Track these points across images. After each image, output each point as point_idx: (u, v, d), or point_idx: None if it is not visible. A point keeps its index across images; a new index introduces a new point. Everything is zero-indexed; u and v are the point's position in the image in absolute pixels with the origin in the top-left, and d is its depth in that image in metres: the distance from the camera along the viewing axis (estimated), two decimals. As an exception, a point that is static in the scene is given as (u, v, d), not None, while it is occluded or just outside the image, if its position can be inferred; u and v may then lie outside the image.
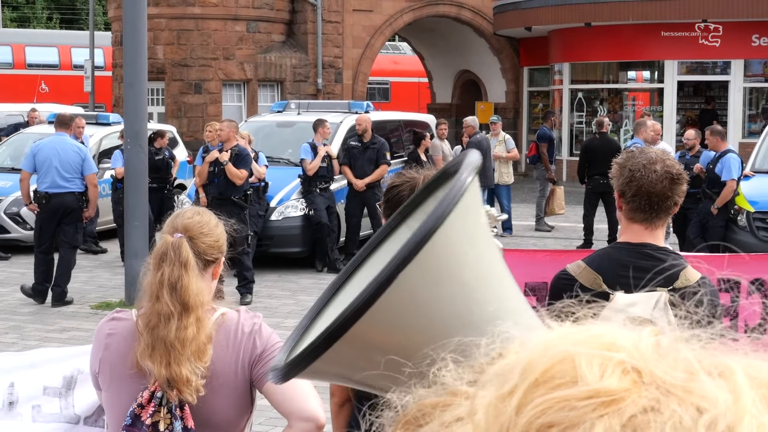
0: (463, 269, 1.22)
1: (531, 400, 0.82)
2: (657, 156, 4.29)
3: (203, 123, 23.53)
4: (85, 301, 14.50)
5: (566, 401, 0.80)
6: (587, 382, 0.81)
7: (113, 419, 3.95)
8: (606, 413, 0.79)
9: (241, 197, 15.25)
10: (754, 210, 15.62)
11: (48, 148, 14.27)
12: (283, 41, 33.48)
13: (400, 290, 1.16)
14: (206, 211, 4.05)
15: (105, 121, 21.52)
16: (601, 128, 20.04)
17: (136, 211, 14.12)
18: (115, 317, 4.02)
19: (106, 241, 19.35)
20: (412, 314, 1.16)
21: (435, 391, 0.94)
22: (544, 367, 0.83)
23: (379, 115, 21.38)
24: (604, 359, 0.83)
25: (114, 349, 3.93)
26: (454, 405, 0.91)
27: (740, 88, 31.71)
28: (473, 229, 1.27)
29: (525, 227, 21.99)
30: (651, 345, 0.86)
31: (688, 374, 0.83)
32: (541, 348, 0.86)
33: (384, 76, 45.53)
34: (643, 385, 0.81)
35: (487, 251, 1.29)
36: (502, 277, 1.30)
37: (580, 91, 34.33)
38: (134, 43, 14.16)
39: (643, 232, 4.30)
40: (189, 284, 3.79)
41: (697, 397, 0.81)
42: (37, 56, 43.98)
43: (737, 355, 0.87)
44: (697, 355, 0.85)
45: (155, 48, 31.13)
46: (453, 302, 1.17)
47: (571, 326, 0.90)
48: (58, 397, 4.86)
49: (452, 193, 1.21)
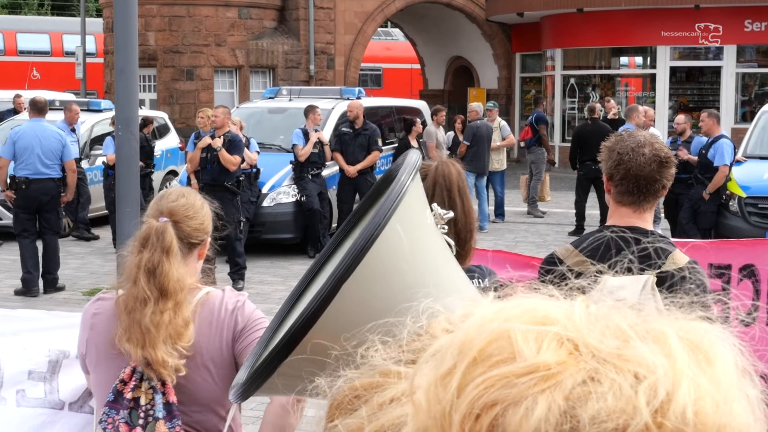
0: (405, 271, 1.23)
1: (471, 380, 0.81)
2: (646, 139, 4.30)
3: (195, 109, 23.48)
4: (77, 287, 14.49)
5: (506, 378, 0.80)
6: (525, 357, 0.81)
7: (100, 398, 3.94)
8: (547, 387, 0.79)
9: (233, 183, 15.25)
10: (745, 195, 15.63)
11: (29, 134, 14.17)
12: (275, 27, 33.42)
13: (343, 302, 1.18)
14: (191, 192, 4.02)
15: (96, 107, 21.46)
16: (592, 114, 20.03)
17: (128, 197, 14.03)
18: (101, 297, 4.01)
19: (98, 228, 19.32)
20: (359, 320, 1.16)
21: (365, 372, 0.94)
22: (480, 345, 0.83)
23: (370, 101, 21.36)
24: (539, 333, 0.83)
25: (99, 330, 3.92)
26: (387, 385, 0.91)
27: (733, 73, 31.71)
28: (416, 231, 1.28)
29: (517, 213, 22.00)
30: (583, 315, 0.86)
31: (622, 341, 0.83)
32: (476, 325, 0.85)
33: (376, 62, 45.51)
34: (579, 356, 0.81)
35: (434, 250, 1.30)
36: (450, 274, 1.31)
37: (572, 77, 34.32)
38: (125, 29, 14.08)
39: (631, 215, 4.31)
40: (169, 270, 3.77)
41: (633, 363, 0.81)
42: (29, 43, 43.89)
43: (669, 318, 0.88)
44: (630, 322, 0.86)
45: (147, 34, 31.07)
46: (398, 303, 1.18)
47: (503, 302, 0.89)
48: (43, 381, 4.83)
49: (388, 200, 1.22)
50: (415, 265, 1.25)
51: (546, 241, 17.74)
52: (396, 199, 1.23)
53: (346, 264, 1.19)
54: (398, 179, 1.26)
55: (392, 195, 1.23)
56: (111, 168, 16.64)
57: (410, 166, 1.30)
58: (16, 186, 14.05)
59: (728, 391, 0.83)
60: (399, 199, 1.23)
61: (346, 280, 1.18)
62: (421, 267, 1.27)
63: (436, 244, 1.34)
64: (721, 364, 0.84)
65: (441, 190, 3.93)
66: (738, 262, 6.48)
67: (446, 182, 3.95)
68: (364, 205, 1.48)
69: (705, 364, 0.83)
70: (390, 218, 1.21)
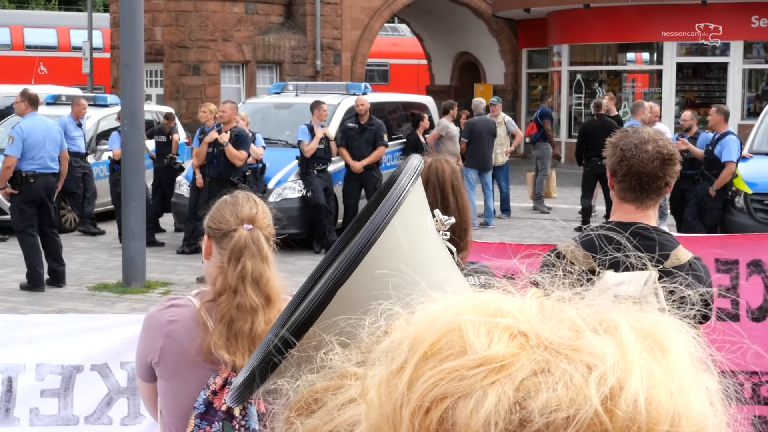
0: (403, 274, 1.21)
1: (422, 374, 0.82)
2: (649, 136, 4.28)
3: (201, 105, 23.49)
4: (83, 282, 14.49)
5: (457, 371, 0.81)
6: (475, 350, 0.82)
7: (175, 407, 3.89)
8: (497, 379, 0.80)
9: (239, 178, 15.28)
10: (752, 192, 15.56)
11: (37, 130, 14.05)
12: (282, 23, 33.41)
13: (339, 305, 1.18)
14: (255, 197, 4.07)
15: (103, 102, 21.45)
16: (599, 110, 19.99)
17: (134, 192, 14.10)
18: (174, 304, 3.94)
19: (104, 223, 19.33)
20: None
21: (324, 375, 0.95)
22: (432, 340, 0.83)
23: (376, 96, 21.34)
24: (491, 326, 0.84)
25: (177, 337, 3.87)
26: (345, 387, 0.92)
27: (740, 69, 31.64)
28: (415, 235, 1.28)
29: (523, 209, 21.98)
30: (535, 307, 0.87)
31: (574, 332, 0.84)
32: (427, 320, 0.86)
33: (383, 57, 45.45)
34: (530, 348, 0.82)
35: (433, 255, 1.31)
36: (449, 279, 1.31)
37: (578, 73, 34.28)
38: (131, 24, 14.13)
39: (634, 211, 4.30)
40: (270, 277, 3.81)
41: (584, 354, 0.82)
42: (36, 38, 43.91)
43: (621, 309, 0.88)
44: (581, 313, 0.86)
45: (153, 29, 31.08)
46: None
47: (454, 297, 0.89)
48: (57, 396, 4.82)
49: (387, 204, 1.23)
50: (414, 269, 1.24)
51: (551, 237, 17.70)
52: (395, 204, 1.23)
53: (343, 268, 1.19)
54: (398, 183, 1.26)
55: (391, 199, 1.23)
56: (117, 163, 16.64)
57: (411, 170, 1.29)
58: (22, 181, 13.92)
59: (683, 381, 0.83)
60: (398, 204, 1.23)
61: (342, 285, 1.18)
62: (421, 271, 1.25)
63: (436, 249, 1.34)
64: (675, 354, 0.85)
65: (433, 188, 3.93)
66: (745, 257, 6.43)
67: (439, 180, 3.95)
68: (368, 210, 1.47)
69: (659, 353, 0.84)
70: (388, 223, 1.21)
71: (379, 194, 1.41)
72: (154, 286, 13.96)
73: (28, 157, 13.90)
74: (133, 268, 13.81)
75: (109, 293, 13.69)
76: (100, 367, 4.88)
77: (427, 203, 1.38)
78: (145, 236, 14.23)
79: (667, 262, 4.11)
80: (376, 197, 1.42)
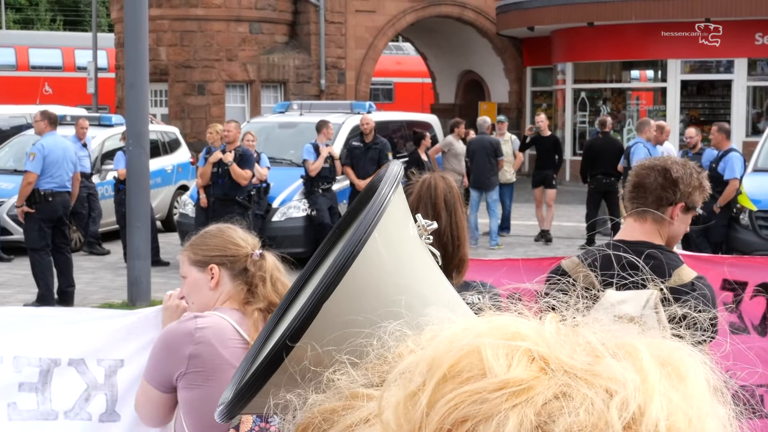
0: (388, 285, 1.23)
1: (441, 396, 0.81)
2: (663, 159, 4.44)
3: (206, 124, 23.50)
4: (88, 302, 14.46)
5: (477, 394, 0.80)
6: (495, 373, 0.81)
7: (208, 415, 3.83)
8: (518, 403, 0.80)
9: (244, 198, 15.29)
10: (756, 209, 15.56)
11: (57, 148, 14.10)
12: (286, 42, 33.47)
13: (325, 319, 1.18)
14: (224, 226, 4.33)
15: (107, 122, 21.47)
16: (603, 128, 19.98)
17: (139, 212, 14.10)
18: (198, 315, 4.03)
19: (109, 243, 19.34)
20: (342, 336, 1.16)
21: (333, 395, 0.95)
22: (451, 362, 0.83)
23: (381, 115, 21.36)
24: (510, 349, 0.83)
25: (210, 341, 3.93)
26: (355, 408, 0.91)
27: (744, 86, 31.65)
28: (398, 244, 1.28)
29: (528, 226, 21.94)
30: (554, 331, 0.87)
31: (593, 357, 0.84)
32: (445, 343, 0.85)
33: (387, 76, 45.49)
34: (551, 372, 0.82)
35: (417, 262, 1.30)
36: (434, 285, 1.31)
37: (583, 91, 34.28)
38: (135, 44, 14.16)
39: (637, 227, 4.36)
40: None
41: (604, 379, 0.81)
42: (41, 58, 44.00)
43: (640, 335, 0.88)
44: (600, 338, 0.87)
45: (158, 49, 31.14)
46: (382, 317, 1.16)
47: (472, 318, 0.90)
48: (35, 391, 4.79)
49: (369, 215, 1.22)
50: (398, 278, 1.25)
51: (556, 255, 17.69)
52: (377, 214, 1.22)
53: (327, 282, 1.18)
54: (379, 192, 1.25)
55: (373, 209, 1.23)
56: (122, 183, 16.65)
57: (392, 177, 1.29)
58: (40, 199, 13.94)
59: (701, 408, 0.83)
60: (380, 214, 1.23)
61: (327, 299, 1.18)
62: (403, 280, 1.26)
63: (420, 255, 1.34)
64: (693, 380, 0.85)
65: (425, 204, 3.94)
66: (755, 279, 6.44)
67: (432, 196, 3.96)
68: (347, 218, 1.47)
69: (677, 380, 0.84)
70: (370, 234, 1.20)
71: (360, 201, 1.40)
72: (159, 305, 13.93)
73: (46, 174, 13.93)
74: (138, 287, 13.80)
75: (114, 313, 13.66)
76: (77, 362, 4.84)
77: (408, 210, 1.38)
78: (150, 256, 14.23)
79: (670, 281, 4.12)
80: (357, 204, 1.42)
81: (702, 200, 4.41)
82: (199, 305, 4.11)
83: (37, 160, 13.91)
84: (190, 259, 4.16)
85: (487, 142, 19.83)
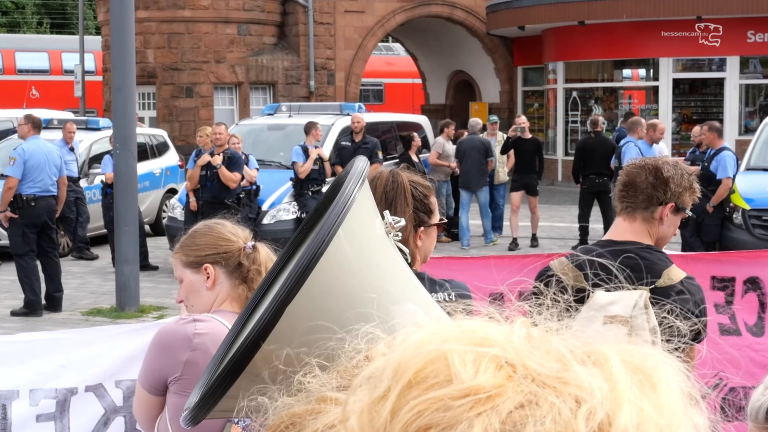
0: (353, 285, 1.22)
1: (406, 403, 0.80)
2: (655, 159, 4.45)
3: (195, 127, 23.44)
4: (76, 307, 14.35)
5: (442, 401, 0.79)
6: (461, 380, 0.80)
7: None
8: (483, 411, 0.78)
9: (234, 200, 15.22)
10: (749, 207, 15.52)
11: (39, 152, 14.03)
12: (275, 43, 33.37)
13: (289, 322, 1.17)
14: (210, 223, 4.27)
15: (95, 126, 21.33)
16: (595, 127, 19.89)
17: (127, 216, 13.97)
18: (198, 318, 3.89)
19: (97, 247, 19.19)
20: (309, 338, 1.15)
21: (301, 398, 0.92)
22: (416, 368, 0.81)
23: (371, 116, 21.28)
24: (477, 355, 0.81)
25: (207, 350, 3.78)
26: (323, 412, 0.89)
27: (736, 85, 31.61)
28: (364, 242, 1.27)
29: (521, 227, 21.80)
30: (523, 337, 0.85)
31: (562, 364, 0.82)
32: (412, 347, 0.83)
33: (377, 77, 45.46)
34: (518, 379, 0.81)
35: (383, 260, 1.29)
36: (401, 283, 1.30)
37: (574, 90, 34.22)
38: (122, 47, 14.01)
39: (626, 226, 4.37)
40: None
41: (573, 387, 0.80)
42: (28, 61, 43.86)
43: (610, 341, 0.86)
44: (569, 345, 0.84)
45: (146, 52, 31.01)
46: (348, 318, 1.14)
47: (440, 323, 0.87)
48: (53, 420, 4.78)
49: (333, 214, 1.21)
50: (363, 278, 1.23)
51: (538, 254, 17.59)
52: (341, 213, 1.20)
53: (290, 284, 1.16)
54: (343, 190, 1.23)
55: (337, 208, 1.21)
56: (109, 186, 16.52)
57: (357, 174, 1.26)
58: (23, 204, 13.82)
59: (672, 417, 0.81)
60: (344, 213, 1.20)
61: (290, 302, 1.16)
62: (369, 279, 1.24)
63: (386, 253, 1.32)
64: (665, 389, 0.83)
65: (387, 198, 3.80)
66: (742, 274, 6.44)
67: (394, 190, 3.80)
68: (314, 214, 1.45)
69: (649, 388, 0.82)
70: (335, 234, 1.18)
71: (326, 199, 1.38)
72: (148, 310, 13.83)
73: (28, 179, 13.85)
74: (127, 292, 13.68)
75: (102, 318, 13.55)
76: (95, 387, 4.83)
77: (375, 207, 1.35)
78: (138, 260, 14.13)
79: (659, 282, 4.15)
80: (324, 202, 1.40)
81: (692, 202, 4.42)
82: (198, 307, 4.01)
83: (18, 165, 13.84)
84: (182, 261, 4.05)
85: (478, 142, 19.78)
